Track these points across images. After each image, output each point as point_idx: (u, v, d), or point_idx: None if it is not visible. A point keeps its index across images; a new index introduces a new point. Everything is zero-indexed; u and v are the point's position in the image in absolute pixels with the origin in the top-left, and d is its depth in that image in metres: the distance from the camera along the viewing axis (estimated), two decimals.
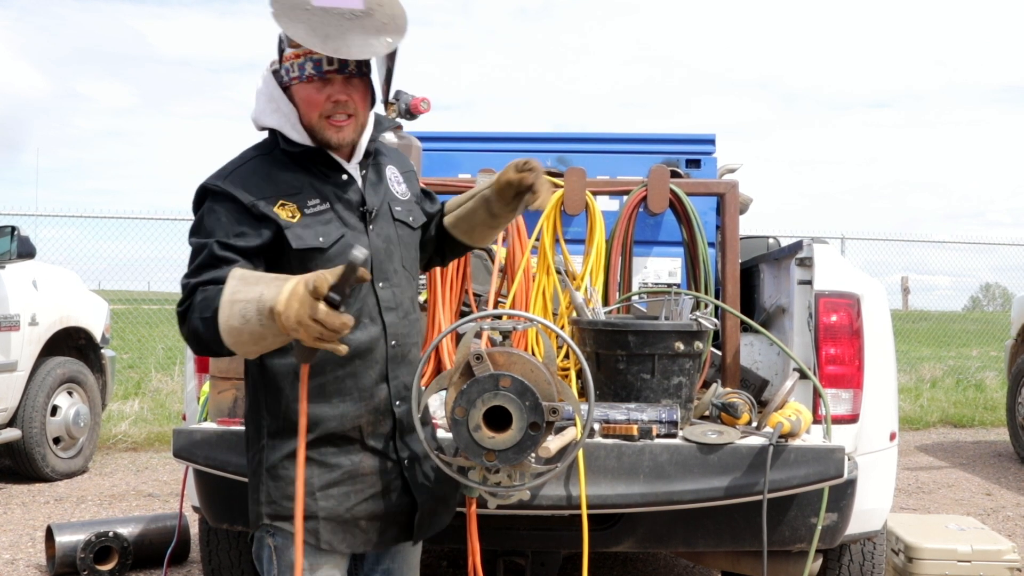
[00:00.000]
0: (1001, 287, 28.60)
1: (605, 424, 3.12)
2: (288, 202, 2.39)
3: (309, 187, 2.44)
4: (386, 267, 2.49)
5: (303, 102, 2.42)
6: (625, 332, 3.32)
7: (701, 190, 4.19)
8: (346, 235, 2.43)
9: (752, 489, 3.04)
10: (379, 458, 2.47)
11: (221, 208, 2.36)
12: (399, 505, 2.49)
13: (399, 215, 2.57)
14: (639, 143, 5.16)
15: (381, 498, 2.46)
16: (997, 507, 7.16)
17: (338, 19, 2.32)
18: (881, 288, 3.77)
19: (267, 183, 2.41)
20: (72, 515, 6.53)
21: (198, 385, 3.84)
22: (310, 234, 2.38)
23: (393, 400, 2.48)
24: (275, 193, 2.39)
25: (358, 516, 2.43)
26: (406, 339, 2.52)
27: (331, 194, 2.45)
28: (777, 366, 3.95)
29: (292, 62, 2.41)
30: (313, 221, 2.40)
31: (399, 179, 2.65)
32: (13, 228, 7.03)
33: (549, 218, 3.99)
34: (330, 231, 2.41)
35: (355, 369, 2.42)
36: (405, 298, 2.53)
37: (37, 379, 7.39)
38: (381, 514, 2.46)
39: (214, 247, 2.31)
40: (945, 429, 11.39)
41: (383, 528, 2.48)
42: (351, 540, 2.44)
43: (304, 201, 2.41)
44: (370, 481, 2.45)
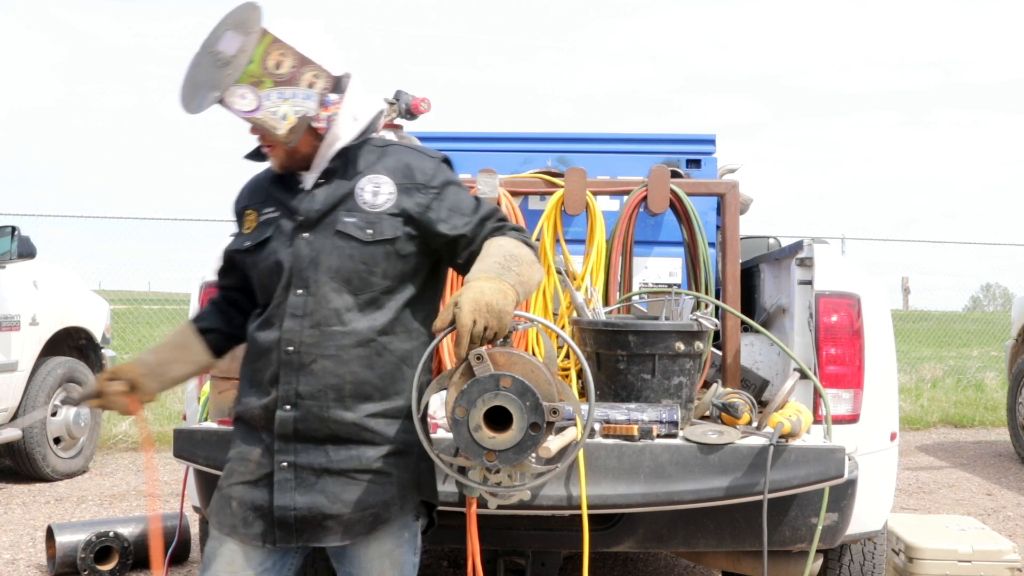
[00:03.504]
0: (1001, 287, 28.64)
1: (606, 424, 3.12)
2: (253, 211, 2.64)
3: (272, 196, 2.62)
4: (307, 275, 2.48)
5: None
6: (626, 332, 3.32)
7: (701, 190, 4.19)
8: (270, 239, 2.56)
9: (753, 489, 3.04)
10: (264, 452, 2.51)
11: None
12: (264, 501, 2.48)
13: (346, 227, 2.50)
14: (639, 143, 5.16)
15: (253, 487, 2.50)
16: (998, 507, 7.17)
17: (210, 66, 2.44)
18: (882, 288, 3.77)
19: (251, 192, 2.69)
20: (72, 515, 6.53)
21: (198, 385, 3.84)
22: (243, 239, 2.62)
23: (279, 404, 2.47)
24: (252, 201, 2.66)
25: (231, 496, 2.51)
26: (311, 348, 2.46)
27: (284, 202, 2.58)
28: (778, 366, 3.95)
29: None
30: (261, 227, 2.60)
31: (378, 190, 2.54)
32: (14, 228, 7.03)
33: (549, 218, 4.00)
34: (260, 236, 2.58)
35: (260, 365, 2.52)
36: (326, 309, 2.48)
37: (37, 379, 7.39)
38: (250, 503, 2.49)
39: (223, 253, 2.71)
40: (946, 429, 11.39)
41: (251, 519, 2.49)
42: (222, 517, 2.51)
43: (263, 208, 2.62)
44: (251, 468, 2.51)
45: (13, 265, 7.17)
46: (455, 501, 3.02)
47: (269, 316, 2.52)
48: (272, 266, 2.52)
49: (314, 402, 2.46)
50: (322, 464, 2.48)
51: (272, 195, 2.61)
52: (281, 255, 2.51)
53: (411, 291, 2.55)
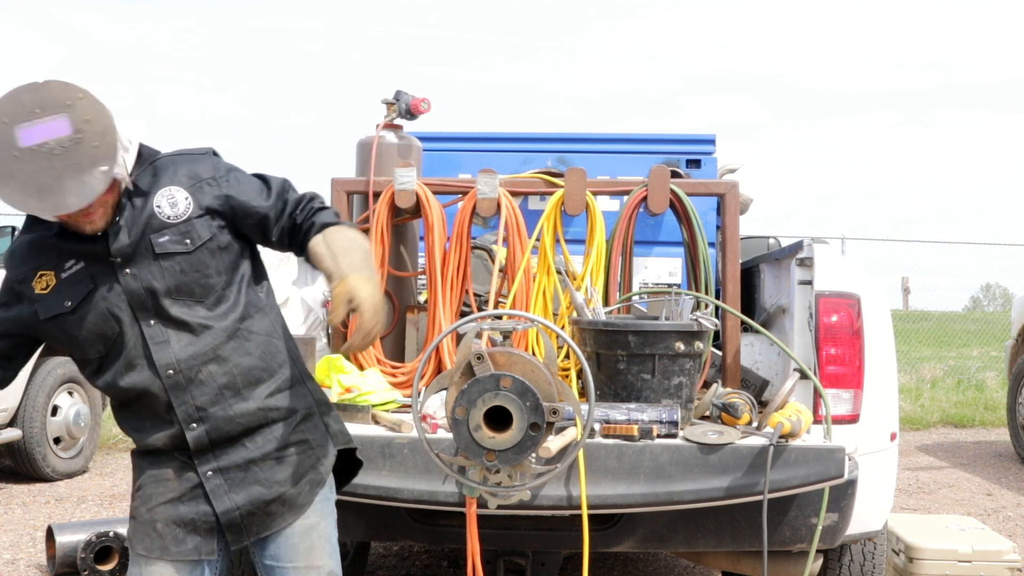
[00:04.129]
0: (1001, 287, 28.63)
1: (606, 424, 3.12)
2: (46, 271, 2.48)
3: (67, 250, 2.48)
4: (148, 304, 2.47)
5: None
6: (626, 332, 3.32)
7: (701, 190, 4.19)
8: (94, 291, 2.46)
9: (752, 489, 3.04)
10: (183, 466, 2.51)
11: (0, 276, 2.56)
12: (197, 514, 2.50)
13: (163, 246, 2.49)
14: (639, 143, 5.16)
15: (179, 503, 2.49)
16: (998, 507, 7.17)
17: (48, 159, 2.26)
18: (881, 288, 3.77)
19: (34, 254, 2.50)
20: (73, 515, 6.53)
21: None
22: (57, 300, 2.46)
23: (185, 424, 2.47)
24: (36, 265, 2.49)
25: (155, 519, 2.48)
26: (189, 361, 2.48)
27: (84, 252, 2.47)
28: (777, 366, 3.95)
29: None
30: (66, 284, 2.47)
31: (175, 201, 2.54)
32: (14, 228, 7.05)
33: (549, 218, 3.99)
34: (79, 291, 2.46)
35: (144, 403, 2.49)
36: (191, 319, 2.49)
37: (37, 379, 7.39)
38: (177, 520, 2.49)
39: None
40: (946, 429, 11.39)
41: (181, 536, 2.49)
42: (148, 543, 2.48)
43: (61, 265, 2.47)
44: (170, 486, 2.50)
45: None
46: (455, 501, 3.02)
47: (126, 359, 2.46)
48: (105, 314, 2.45)
49: (216, 408, 2.48)
50: (245, 458, 2.52)
51: (65, 250, 2.47)
52: (112, 300, 2.45)
53: (246, 273, 2.60)
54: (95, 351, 2.48)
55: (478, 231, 4.46)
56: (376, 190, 4.03)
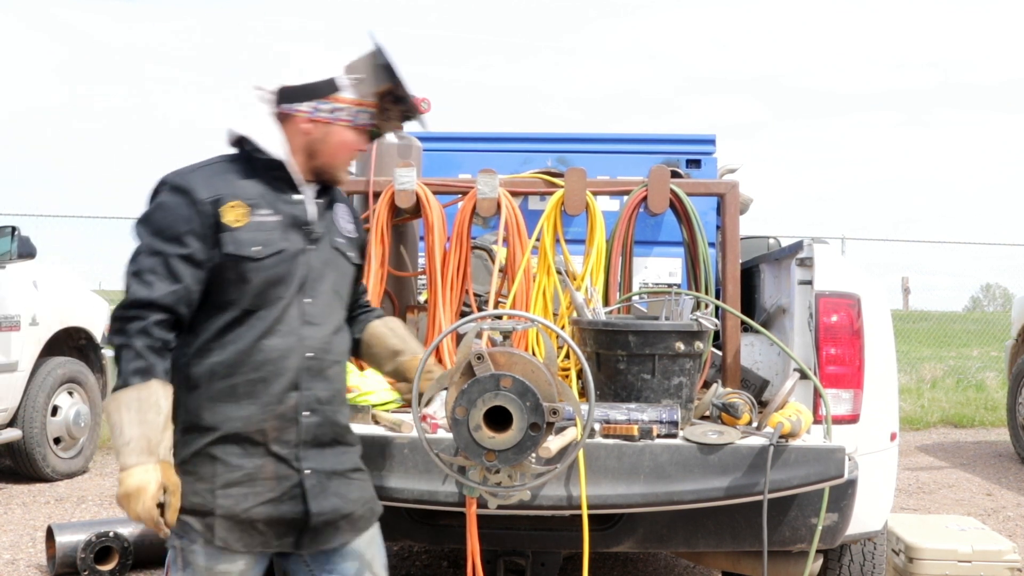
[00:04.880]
0: (1001, 287, 28.62)
1: (606, 424, 3.12)
2: (240, 205, 2.50)
3: (264, 197, 2.55)
4: (317, 285, 2.58)
5: (342, 144, 2.63)
6: (626, 332, 3.32)
7: (701, 190, 4.19)
8: (284, 250, 2.53)
9: (752, 489, 3.04)
10: (281, 464, 2.50)
11: (174, 204, 2.47)
12: (295, 513, 2.51)
13: (339, 245, 2.68)
14: (639, 143, 5.16)
15: (278, 503, 2.49)
16: (998, 507, 7.17)
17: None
18: (881, 288, 3.77)
19: (225, 184, 2.52)
20: (72, 515, 6.53)
21: None
22: (247, 240, 2.48)
23: (300, 411, 2.52)
24: (230, 193, 2.50)
25: (255, 518, 2.47)
26: (325, 355, 2.57)
27: (282, 208, 2.56)
28: (777, 366, 3.95)
29: (347, 107, 2.61)
30: (258, 228, 2.50)
31: (348, 218, 2.78)
32: (14, 228, 7.04)
33: (549, 218, 3.99)
34: (271, 241, 2.51)
35: (266, 375, 2.48)
36: (332, 317, 2.63)
37: (38, 379, 7.39)
38: (276, 519, 2.50)
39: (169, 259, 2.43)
40: (946, 429, 11.39)
41: (281, 532, 2.51)
42: (247, 540, 2.48)
43: (256, 208, 2.52)
44: (269, 485, 2.49)
45: (13, 265, 7.17)
46: (455, 501, 3.02)
47: (275, 324, 2.50)
48: (284, 274, 2.52)
49: (329, 407, 2.56)
50: (332, 467, 2.57)
51: (264, 197, 2.55)
52: (295, 264, 2.54)
53: None
54: (252, 303, 2.49)
55: (478, 231, 4.46)
56: (376, 190, 4.03)
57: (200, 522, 2.45)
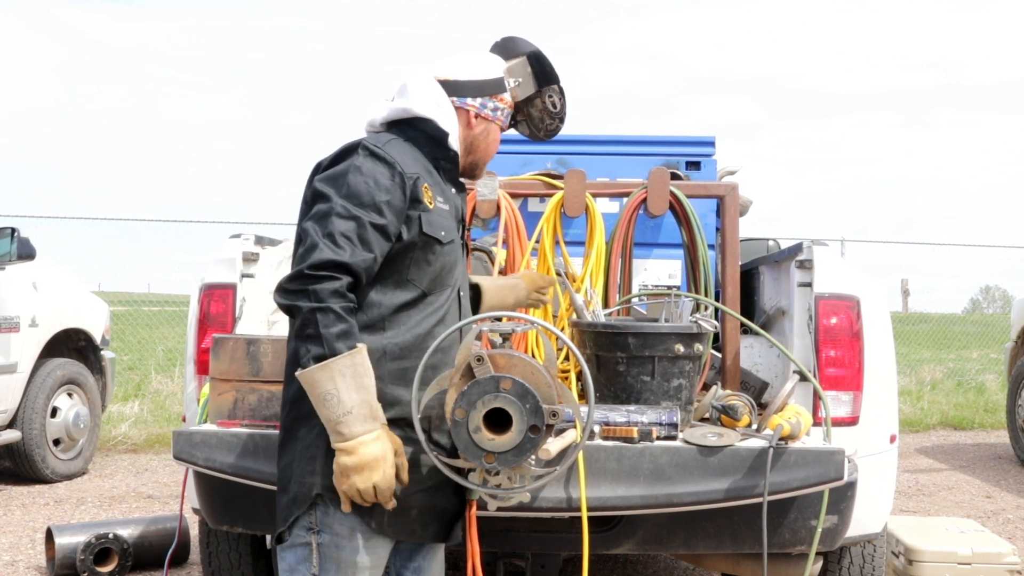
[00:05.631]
0: (1001, 289, 28.61)
1: (605, 426, 3.12)
2: (430, 188, 2.57)
3: (439, 185, 2.63)
4: (464, 280, 2.71)
5: (493, 143, 2.74)
6: (625, 334, 3.32)
7: (701, 192, 4.19)
8: (455, 241, 2.63)
9: (752, 491, 3.04)
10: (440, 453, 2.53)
11: (373, 170, 2.44)
12: (448, 503, 2.58)
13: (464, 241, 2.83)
14: (639, 145, 5.16)
15: (435, 492, 2.54)
16: (997, 509, 7.16)
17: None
18: (881, 290, 3.77)
19: (416, 163, 2.56)
20: (72, 517, 6.53)
21: (198, 387, 3.83)
22: (437, 224, 2.55)
23: None
24: (423, 173, 2.55)
25: (412, 504, 2.50)
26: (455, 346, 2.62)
27: (450, 199, 2.67)
28: (777, 368, 3.95)
29: (505, 108, 2.74)
30: (440, 214, 2.57)
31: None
32: (13, 230, 7.04)
33: (549, 220, 3.99)
34: (451, 229, 2.61)
35: (437, 361, 2.51)
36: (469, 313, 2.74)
37: (37, 381, 7.39)
38: (431, 507, 2.54)
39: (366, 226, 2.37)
40: (945, 431, 11.39)
41: (429, 521, 2.55)
42: (399, 527, 2.49)
43: (436, 194, 2.60)
44: (428, 473, 2.51)
45: (13, 267, 7.18)
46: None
47: (445, 312, 2.58)
48: (453, 264, 2.61)
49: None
50: None
51: (438, 184, 2.63)
52: (457, 257, 2.64)
53: None
54: (430, 287, 2.54)
55: (478, 233, 4.46)
56: None
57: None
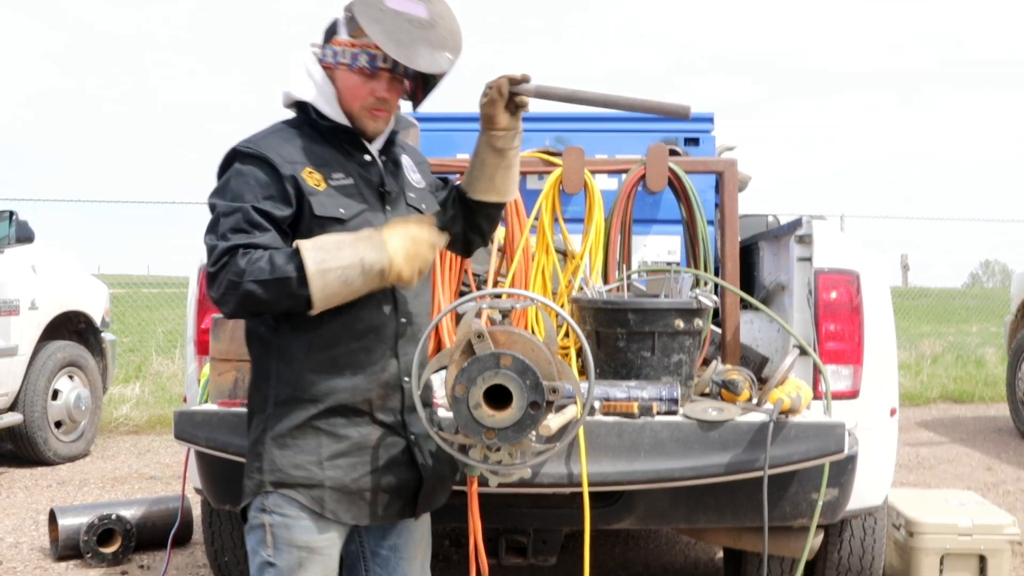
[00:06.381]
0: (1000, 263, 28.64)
1: (605, 402, 3.13)
2: (315, 171, 2.47)
3: (335, 161, 2.51)
4: None
5: (347, 89, 2.50)
6: (625, 310, 3.32)
7: (700, 168, 4.19)
8: (366, 210, 2.49)
9: (753, 465, 3.04)
10: (387, 432, 2.51)
11: (251, 171, 2.41)
12: (404, 480, 2.53)
13: (412, 201, 2.64)
14: (637, 122, 5.13)
15: (387, 472, 2.50)
16: (997, 481, 7.19)
17: (407, 25, 2.41)
18: (881, 264, 3.77)
19: (296, 150, 2.48)
20: (75, 498, 6.55)
21: (198, 367, 3.84)
22: (332, 204, 2.44)
23: (402, 376, 2.53)
24: (303, 160, 2.46)
25: (363, 488, 2.47)
26: (416, 318, 2.57)
27: (354, 171, 2.53)
28: (777, 343, 3.95)
29: (345, 49, 2.48)
30: (336, 193, 2.47)
31: (414, 168, 2.72)
32: (11, 213, 7.03)
33: (548, 197, 3.99)
34: (351, 204, 2.48)
35: (367, 344, 2.47)
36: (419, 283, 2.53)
37: (38, 363, 7.40)
38: (386, 487, 2.50)
39: (249, 211, 2.35)
40: (945, 405, 11.42)
41: (388, 502, 2.52)
42: (355, 511, 2.48)
43: (329, 173, 2.49)
44: (377, 454, 2.49)
45: (11, 250, 7.17)
46: (456, 479, 3.02)
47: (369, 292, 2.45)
48: None
49: (418, 370, 2.51)
50: (423, 432, 2.57)
51: (334, 160, 2.51)
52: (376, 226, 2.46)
53: None
54: None
55: None
56: None
57: (307, 495, 2.42)
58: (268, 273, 2.27)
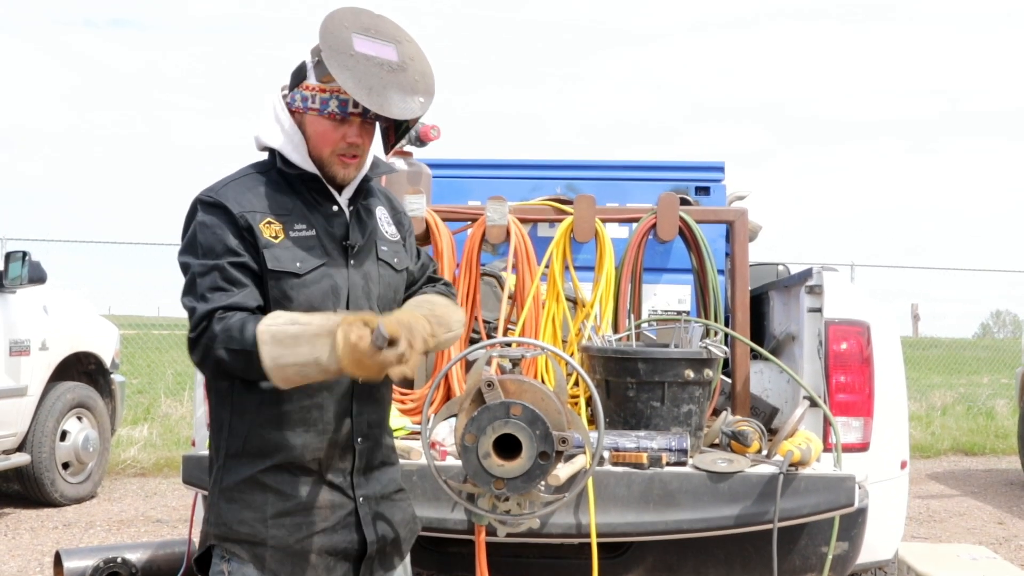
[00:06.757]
0: (1011, 313, 28.56)
1: (615, 452, 3.12)
2: (275, 221, 2.39)
3: (298, 211, 2.43)
4: (361, 304, 2.45)
5: (317, 135, 2.42)
6: (635, 360, 3.32)
7: (710, 218, 4.20)
8: (325, 264, 2.41)
9: (762, 518, 3.03)
10: (335, 493, 2.42)
11: (213, 220, 2.36)
12: (349, 543, 2.43)
13: (383, 255, 2.55)
14: (648, 170, 5.17)
15: (333, 533, 2.41)
16: (1009, 536, 7.12)
17: (377, 70, 2.35)
18: (891, 315, 3.77)
19: (258, 199, 2.40)
20: (80, 540, 6.52)
21: (207, 412, 3.83)
22: (288, 257, 2.37)
23: (355, 436, 2.43)
24: (263, 209, 2.39)
25: (308, 549, 2.38)
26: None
27: (318, 223, 2.44)
28: (787, 394, 3.94)
29: (315, 94, 2.41)
30: (295, 245, 2.39)
31: (388, 220, 2.63)
32: (25, 253, 7.07)
33: (559, 245, 4.00)
34: (309, 258, 2.40)
35: (321, 401, 2.38)
36: None
37: (47, 404, 7.40)
38: (330, 550, 2.41)
39: (225, 268, 2.31)
40: (956, 457, 11.33)
41: (332, 565, 2.42)
42: (298, 572, 2.39)
43: (291, 223, 2.41)
44: (323, 515, 2.40)
45: (24, 290, 7.20)
46: (464, 528, 3.02)
47: None
48: (326, 292, 2.40)
49: (378, 430, 2.46)
50: (378, 492, 2.48)
51: (297, 210, 2.42)
52: (336, 281, 2.41)
53: None
54: None
55: (487, 258, 4.47)
56: None
57: (249, 552, 2.35)
58: (237, 343, 2.20)
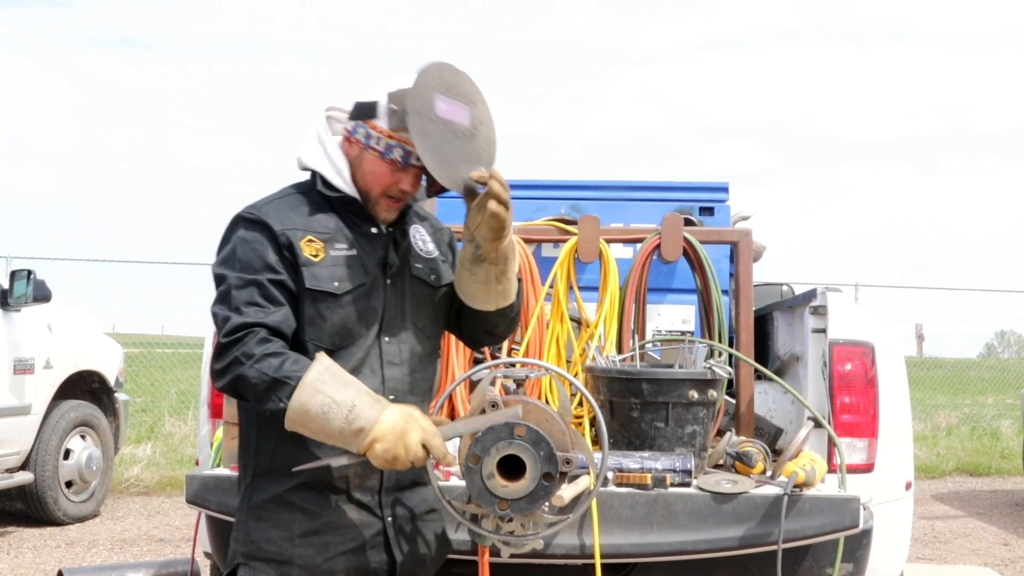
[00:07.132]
0: (1016, 334, 28.51)
1: (619, 473, 3.11)
2: (316, 239, 2.41)
3: (339, 231, 2.46)
4: (395, 323, 2.48)
5: (372, 174, 2.45)
6: (639, 380, 3.32)
7: (715, 238, 4.21)
8: (364, 284, 2.43)
9: (767, 539, 3.02)
10: (363, 512, 2.42)
11: (254, 237, 2.38)
12: (378, 563, 2.43)
13: (418, 272, 2.55)
14: (652, 191, 5.17)
15: (361, 553, 2.41)
16: (1015, 557, 7.09)
17: (451, 138, 2.37)
18: (895, 336, 3.77)
19: (300, 217, 2.43)
20: (83, 559, 6.51)
21: (211, 430, 3.84)
22: (326, 276, 2.39)
23: None
24: (305, 227, 2.42)
25: (335, 569, 2.38)
26: (405, 395, 2.46)
27: (359, 243, 2.47)
28: (791, 415, 3.94)
29: (381, 137, 2.43)
30: (335, 263, 2.41)
31: (425, 238, 2.63)
32: (29, 272, 7.08)
33: (563, 266, 4.01)
34: (350, 277, 2.42)
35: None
36: (412, 355, 2.50)
37: (50, 422, 7.40)
38: (359, 569, 2.41)
39: (264, 284, 2.32)
40: (961, 478, 11.30)
41: None
42: None
43: (333, 242, 2.43)
44: (351, 534, 2.40)
45: (28, 308, 7.21)
46: (467, 549, 3.01)
47: (357, 364, 2.39)
48: (364, 311, 2.42)
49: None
50: (410, 512, 2.50)
51: (338, 230, 2.45)
52: (374, 301, 2.44)
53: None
54: (332, 342, 2.38)
55: None
56: None
57: (277, 570, 2.36)
58: (273, 370, 2.21)
